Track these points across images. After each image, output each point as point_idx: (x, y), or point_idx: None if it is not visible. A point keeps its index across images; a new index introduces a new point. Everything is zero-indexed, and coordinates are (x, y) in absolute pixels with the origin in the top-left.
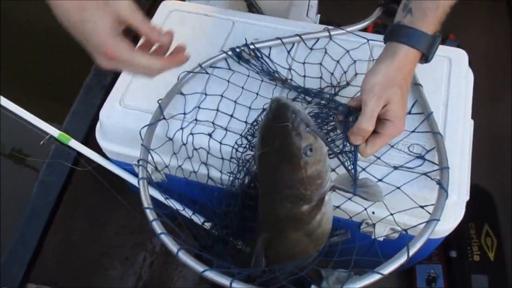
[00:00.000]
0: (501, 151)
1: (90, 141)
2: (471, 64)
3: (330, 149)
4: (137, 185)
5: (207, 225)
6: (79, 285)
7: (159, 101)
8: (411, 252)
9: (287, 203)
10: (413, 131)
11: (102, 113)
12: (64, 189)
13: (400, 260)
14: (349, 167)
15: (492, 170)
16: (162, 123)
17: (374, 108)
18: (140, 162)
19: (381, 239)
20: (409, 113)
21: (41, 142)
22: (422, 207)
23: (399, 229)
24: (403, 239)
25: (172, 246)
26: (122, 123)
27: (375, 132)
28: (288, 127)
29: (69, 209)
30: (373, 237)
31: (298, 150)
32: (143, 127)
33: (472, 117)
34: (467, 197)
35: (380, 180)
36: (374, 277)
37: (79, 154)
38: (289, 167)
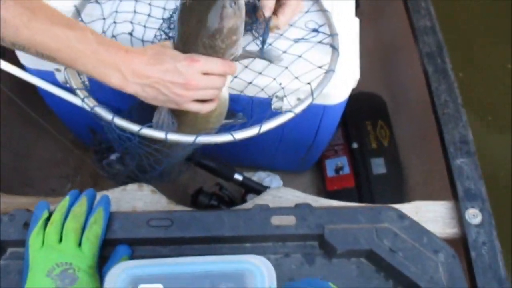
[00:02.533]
0: (387, 58)
1: (7, 53)
2: None
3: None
4: (57, 93)
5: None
6: None
7: (75, 5)
8: (316, 94)
9: (203, 53)
10: (307, 12)
11: None
12: None
13: (308, 100)
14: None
15: (381, 76)
16: None
17: None
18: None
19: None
20: None
21: None
22: (319, 67)
23: (303, 97)
24: (310, 109)
25: (107, 114)
26: None
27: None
28: None
29: None
30: (283, 109)
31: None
32: None
33: (361, 32)
34: (358, 76)
35: (284, 52)
36: (288, 116)
37: None
38: (213, 15)
